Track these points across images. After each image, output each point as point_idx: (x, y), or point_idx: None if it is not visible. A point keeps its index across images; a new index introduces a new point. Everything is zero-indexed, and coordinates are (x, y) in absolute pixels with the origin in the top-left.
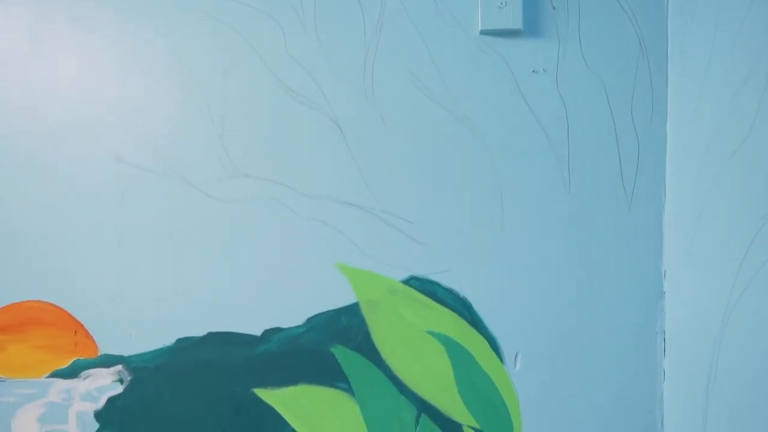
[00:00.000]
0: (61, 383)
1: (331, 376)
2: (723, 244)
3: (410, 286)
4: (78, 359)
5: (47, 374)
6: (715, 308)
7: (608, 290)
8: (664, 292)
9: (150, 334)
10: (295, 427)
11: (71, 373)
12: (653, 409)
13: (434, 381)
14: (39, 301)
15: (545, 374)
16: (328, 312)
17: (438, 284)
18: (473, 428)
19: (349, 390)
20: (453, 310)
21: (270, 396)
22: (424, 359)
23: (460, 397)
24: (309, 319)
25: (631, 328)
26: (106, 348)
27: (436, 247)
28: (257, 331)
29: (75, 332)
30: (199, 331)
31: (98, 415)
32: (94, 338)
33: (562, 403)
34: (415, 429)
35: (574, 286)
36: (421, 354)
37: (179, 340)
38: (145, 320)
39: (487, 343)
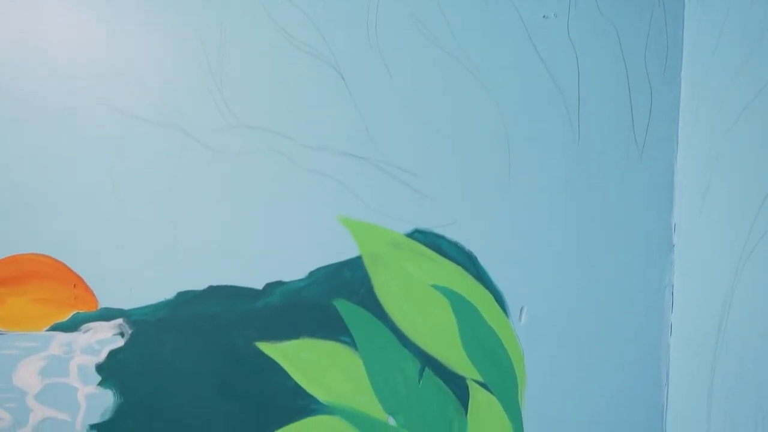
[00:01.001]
0: (62, 336)
1: (333, 329)
2: (736, 197)
3: (414, 239)
4: (78, 312)
5: (47, 327)
6: (726, 263)
7: (617, 243)
8: (674, 246)
9: (150, 287)
10: (298, 381)
11: (71, 326)
12: (659, 363)
13: (438, 335)
14: (37, 254)
15: (550, 328)
16: (331, 265)
17: (443, 237)
18: (477, 382)
19: (352, 344)
20: (458, 263)
21: (272, 349)
22: (428, 313)
23: (465, 351)
24: (311, 273)
25: (638, 282)
26: (106, 301)
27: (441, 200)
28: (259, 285)
29: (74, 286)
30: (200, 285)
31: (100, 368)
32: (94, 292)
33: (567, 357)
34: (419, 383)
35: (581, 238)
36: (425, 308)
37: (180, 294)
38: (145, 274)
39: (492, 297)
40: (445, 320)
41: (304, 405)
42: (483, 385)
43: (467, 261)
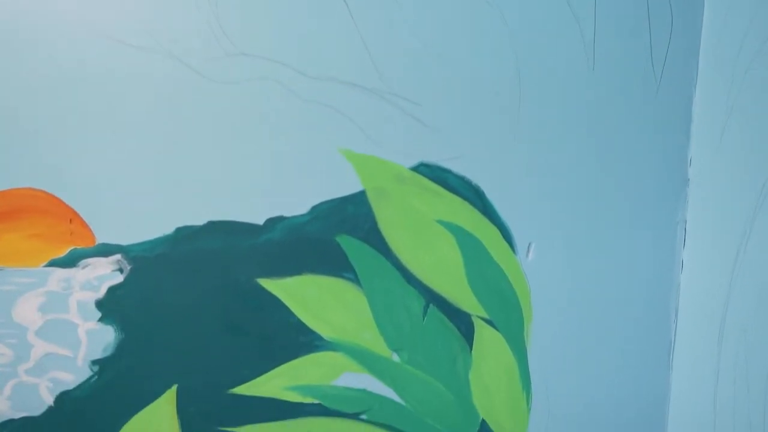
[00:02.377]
0: (60, 272)
1: (336, 265)
2: (756, 132)
3: (420, 173)
4: (75, 248)
5: (44, 263)
6: (743, 197)
7: (629, 178)
8: (689, 180)
9: (148, 222)
10: (301, 317)
11: (69, 262)
12: (669, 301)
13: (443, 271)
14: (30, 189)
15: (558, 265)
16: (334, 200)
17: (449, 171)
18: (483, 318)
19: (356, 280)
20: (464, 198)
21: (274, 286)
22: (434, 249)
23: (470, 288)
24: (313, 208)
25: (650, 218)
26: (103, 237)
27: (447, 132)
28: (259, 220)
29: (70, 221)
30: (199, 220)
31: (99, 304)
32: (91, 227)
33: (574, 294)
34: (423, 319)
35: (592, 172)
36: (431, 243)
37: (178, 229)
38: (142, 208)
39: (499, 233)
40: (451, 256)
41: (307, 341)
42: (488, 321)
43: (474, 195)
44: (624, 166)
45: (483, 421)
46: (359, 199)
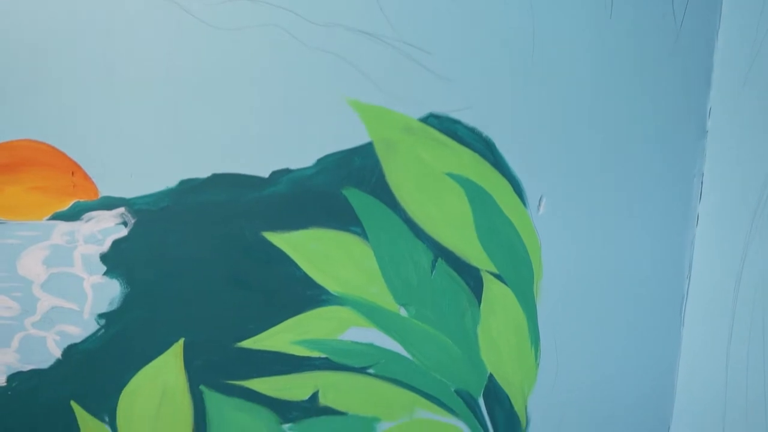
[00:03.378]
0: (64, 226)
1: (343, 219)
2: None
3: (429, 124)
4: (78, 201)
5: (48, 217)
6: (763, 150)
7: (645, 127)
8: (707, 132)
9: (151, 175)
10: (307, 271)
11: (72, 215)
12: (682, 255)
13: (452, 225)
14: (32, 141)
15: (570, 218)
16: (340, 152)
17: (459, 122)
18: (492, 273)
19: (363, 234)
20: (474, 150)
21: (280, 239)
22: (442, 202)
23: (479, 242)
24: (319, 160)
25: (666, 170)
26: (106, 190)
27: (457, 82)
28: (264, 173)
29: (72, 173)
30: (203, 172)
31: (104, 258)
32: (93, 180)
33: (586, 248)
34: (431, 273)
35: (607, 123)
36: (439, 197)
37: (182, 182)
38: (145, 160)
39: (509, 186)
40: (460, 210)
41: (314, 295)
42: (497, 276)
43: (484, 147)
44: (640, 116)
45: (491, 375)
46: (366, 151)
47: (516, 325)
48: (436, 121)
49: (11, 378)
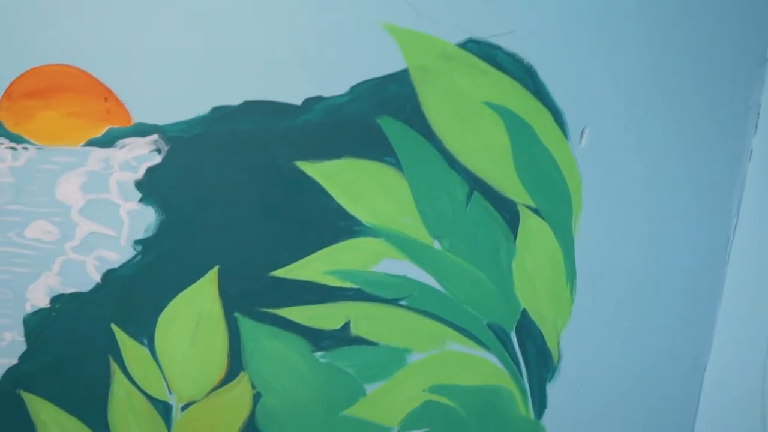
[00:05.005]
0: (99, 152)
1: (377, 149)
2: None
3: (467, 50)
4: (112, 128)
5: (83, 143)
6: None
7: (698, 54)
8: None
9: (183, 101)
10: (340, 202)
11: (107, 141)
12: (732, 192)
13: (489, 156)
14: (64, 65)
15: (613, 153)
16: (375, 79)
17: (499, 48)
18: (529, 207)
19: (397, 164)
20: (515, 78)
21: (313, 169)
22: (480, 132)
23: (517, 174)
24: (353, 88)
25: (719, 100)
26: (139, 116)
27: (498, 5)
28: (297, 100)
29: (105, 99)
30: (235, 100)
31: (139, 185)
32: (126, 106)
33: (629, 183)
34: (466, 206)
35: (658, 49)
36: (477, 127)
37: (214, 109)
38: (177, 87)
39: (550, 116)
40: (498, 140)
41: (347, 226)
42: (535, 210)
43: (525, 75)
44: (694, 42)
45: (524, 310)
46: (402, 79)
47: (552, 261)
48: (475, 47)
49: (54, 300)
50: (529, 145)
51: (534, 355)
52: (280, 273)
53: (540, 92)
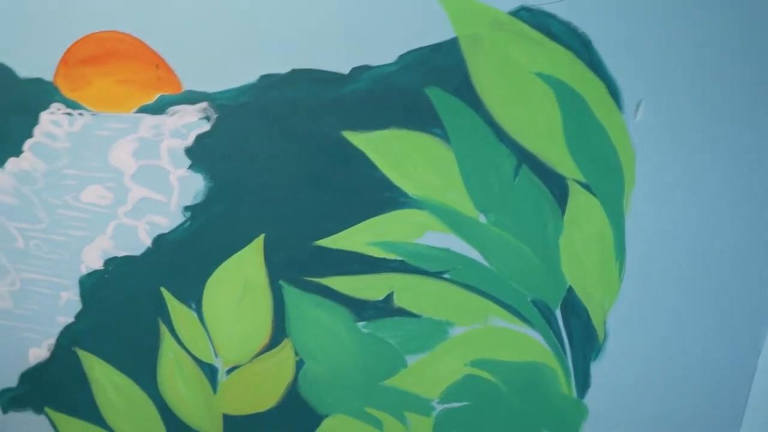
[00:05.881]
0: (150, 119)
1: (424, 120)
2: None
3: (519, 18)
4: (163, 95)
5: (135, 110)
6: None
7: (762, 26)
8: None
9: (232, 69)
10: (386, 173)
11: (158, 108)
12: None
13: (539, 129)
14: (117, 32)
15: (670, 127)
16: (423, 48)
17: (553, 17)
18: (579, 182)
19: (444, 136)
20: (569, 48)
21: (359, 139)
22: (530, 105)
23: (568, 148)
24: (401, 57)
25: None
26: (189, 84)
27: None
28: (345, 69)
29: (156, 66)
30: (283, 68)
31: (189, 152)
32: (176, 73)
33: (684, 160)
34: (514, 180)
35: (721, 19)
36: (527, 99)
37: (263, 77)
38: (226, 55)
39: (605, 88)
40: (549, 113)
41: (392, 197)
42: (585, 186)
43: (580, 45)
44: (758, 14)
45: (570, 288)
46: (451, 48)
47: (601, 238)
48: (528, 15)
49: (107, 262)
50: (581, 118)
51: (579, 334)
52: (325, 243)
53: (594, 63)
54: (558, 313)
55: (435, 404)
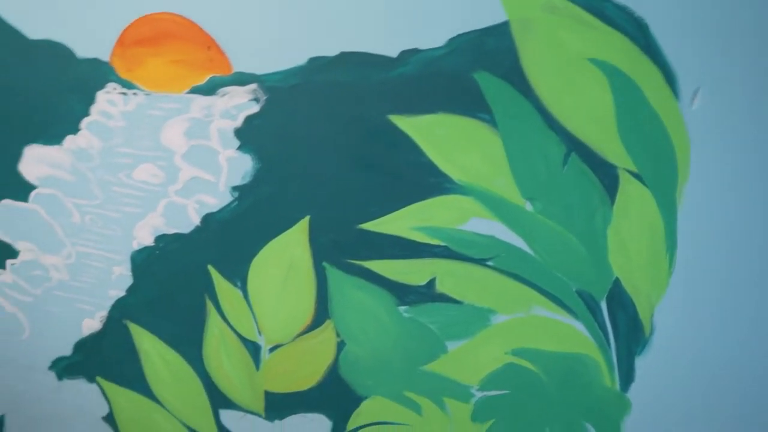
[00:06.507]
0: (201, 100)
1: (472, 105)
2: None
3: (573, 2)
4: (214, 76)
5: (187, 90)
6: None
7: None
8: None
9: (281, 51)
10: (432, 158)
11: (209, 89)
12: None
13: (591, 116)
14: (171, 14)
15: (727, 116)
16: (473, 32)
17: (608, 0)
18: (630, 172)
19: (492, 121)
20: (624, 33)
21: (406, 123)
22: (582, 91)
23: (620, 137)
24: (451, 40)
25: None
26: (239, 65)
27: None
28: (393, 53)
29: (208, 48)
30: (332, 51)
31: (238, 133)
32: (227, 55)
33: (740, 150)
34: (563, 168)
35: None
36: (579, 84)
37: (312, 60)
38: (276, 37)
39: (661, 75)
40: (601, 100)
41: (437, 183)
42: (636, 176)
43: (635, 30)
44: None
45: (617, 279)
46: (502, 32)
47: (651, 230)
48: None
49: (158, 239)
50: (635, 106)
51: (624, 326)
52: (369, 226)
53: (651, 48)
54: (603, 305)
55: (474, 391)
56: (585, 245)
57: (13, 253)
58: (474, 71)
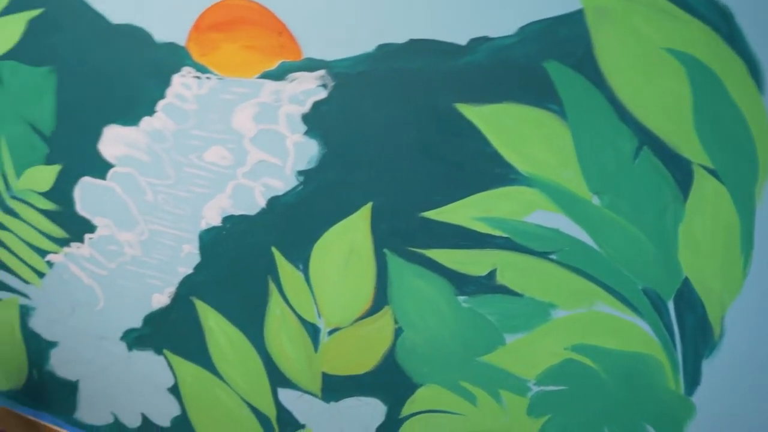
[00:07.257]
0: (271, 85)
1: (542, 95)
2: None
3: None
4: (284, 62)
5: (257, 75)
6: None
7: None
8: None
9: (351, 38)
10: (498, 149)
11: (278, 75)
12: None
13: (666, 109)
14: (245, 0)
15: None
16: (546, 20)
17: None
18: (706, 168)
19: (561, 113)
20: (706, 22)
21: (472, 112)
22: (658, 83)
23: (696, 131)
24: (522, 28)
25: None
26: (309, 52)
27: None
28: (462, 41)
29: (280, 33)
30: (401, 38)
31: (305, 118)
32: (297, 41)
33: None
34: (633, 162)
35: None
36: (655, 76)
37: (380, 47)
38: (346, 23)
39: (745, 68)
40: (678, 92)
41: (502, 173)
42: (712, 172)
43: (719, 18)
44: None
45: (686, 279)
46: (575, 20)
47: (727, 229)
48: None
49: (225, 220)
50: (715, 99)
51: (692, 328)
52: (431, 214)
53: (735, 39)
54: (670, 305)
55: (531, 385)
56: (654, 242)
57: (91, 228)
58: (544, 61)
